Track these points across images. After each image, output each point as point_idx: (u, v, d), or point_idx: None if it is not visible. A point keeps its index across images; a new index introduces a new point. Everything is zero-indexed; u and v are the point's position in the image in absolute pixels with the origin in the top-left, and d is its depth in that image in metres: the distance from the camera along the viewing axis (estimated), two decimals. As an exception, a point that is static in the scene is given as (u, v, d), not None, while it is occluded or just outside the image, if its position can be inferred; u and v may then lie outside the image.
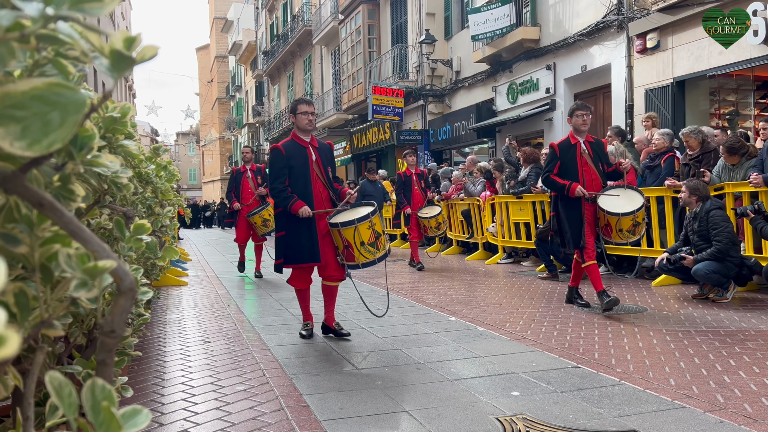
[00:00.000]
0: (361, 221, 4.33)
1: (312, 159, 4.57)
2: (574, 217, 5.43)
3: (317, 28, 25.13)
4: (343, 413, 3.00)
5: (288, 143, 4.60)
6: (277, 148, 4.56)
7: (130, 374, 3.73)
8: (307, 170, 4.54)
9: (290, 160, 4.50)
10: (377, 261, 4.44)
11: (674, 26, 9.70)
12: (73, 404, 0.62)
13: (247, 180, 8.75)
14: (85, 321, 1.62)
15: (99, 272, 0.68)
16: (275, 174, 4.50)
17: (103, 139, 1.49)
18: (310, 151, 4.59)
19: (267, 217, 8.25)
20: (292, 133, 4.68)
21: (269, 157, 4.61)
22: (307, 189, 4.50)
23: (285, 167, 4.48)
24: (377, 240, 4.38)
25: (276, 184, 4.46)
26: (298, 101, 4.66)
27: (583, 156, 5.47)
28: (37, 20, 0.56)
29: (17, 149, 0.57)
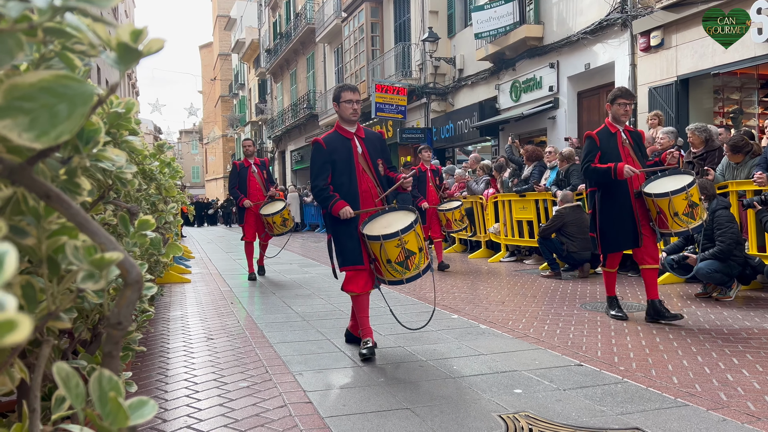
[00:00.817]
0: (388, 238, 3.82)
1: (357, 152, 4.10)
2: (618, 214, 4.84)
3: (320, 25, 25.11)
4: (346, 410, 3.00)
5: (330, 136, 4.16)
6: (318, 143, 4.12)
7: (134, 370, 3.74)
8: (352, 165, 4.08)
9: (333, 155, 4.05)
10: (405, 281, 3.93)
11: (678, 24, 9.67)
12: (81, 395, 0.63)
13: (253, 175, 8.20)
14: (89, 316, 1.63)
15: (106, 264, 0.68)
16: (316, 171, 4.10)
17: (107, 134, 1.50)
18: (356, 142, 4.12)
19: (287, 217, 7.94)
20: (336, 125, 4.21)
21: (311, 153, 4.21)
22: (353, 185, 4.05)
23: (327, 163, 4.06)
24: (408, 259, 3.85)
25: (317, 182, 4.06)
26: (342, 88, 4.15)
27: (624, 146, 4.94)
28: (44, 12, 0.56)
29: (25, 140, 0.57)
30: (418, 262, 3.89)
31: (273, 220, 7.86)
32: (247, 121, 43.68)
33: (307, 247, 13.09)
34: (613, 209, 4.88)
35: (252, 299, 6.57)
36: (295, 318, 5.42)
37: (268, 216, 7.83)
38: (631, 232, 4.83)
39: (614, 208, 4.87)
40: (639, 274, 7.45)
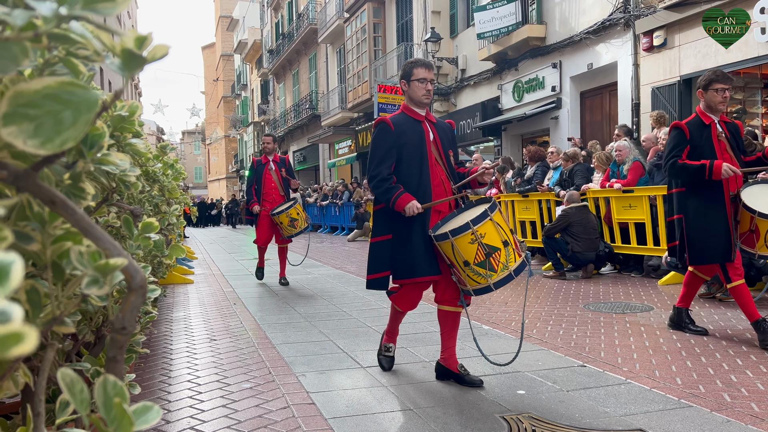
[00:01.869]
0: (458, 233, 3.11)
1: (429, 138, 3.46)
2: (716, 219, 4.11)
3: (322, 26, 25.13)
4: (349, 411, 3.00)
5: (398, 117, 3.50)
6: (384, 123, 3.43)
7: (138, 371, 3.75)
8: (424, 153, 3.42)
9: (401, 139, 3.38)
10: (493, 287, 3.14)
11: (681, 24, 9.66)
12: (85, 400, 0.63)
13: (270, 173, 7.63)
14: (93, 319, 1.63)
15: (110, 269, 0.69)
16: (379, 157, 3.37)
17: (111, 137, 1.50)
18: (427, 127, 3.49)
19: (295, 216, 7.28)
20: (403, 107, 3.56)
21: (373, 135, 3.48)
22: (424, 178, 3.40)
23: (393, 148, 3.36)
24: (490, 258, 3.10)
25: (379, 169, 3.35)
26: (414, 63, 3.49)
27: (720, 140, 4.19)
28: (50, 20, 0.56)
29: (30, 147, 0.57)
30: (506, 260, 3.13)
31: (279, 220, 7.28)
32: (250, 122, 43.73)
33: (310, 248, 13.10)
34: (704, 215, 4.15)
35: (255, 300, 6.57)
36: (298, 319, 5.42)
37: (274, 215, 7.31)
38: (723, 243, 4.10)
39: (706, 215, 4.15)
40: (642, 274, 7.45)
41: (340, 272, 8.87)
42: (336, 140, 25.17)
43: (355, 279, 8.08)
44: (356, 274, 8.54)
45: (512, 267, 3.15)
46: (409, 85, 3.48)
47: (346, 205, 18.08)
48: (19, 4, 0.56)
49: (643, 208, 7.19)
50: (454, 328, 3.52)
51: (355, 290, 7.07)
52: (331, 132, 24.14)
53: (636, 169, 7.50)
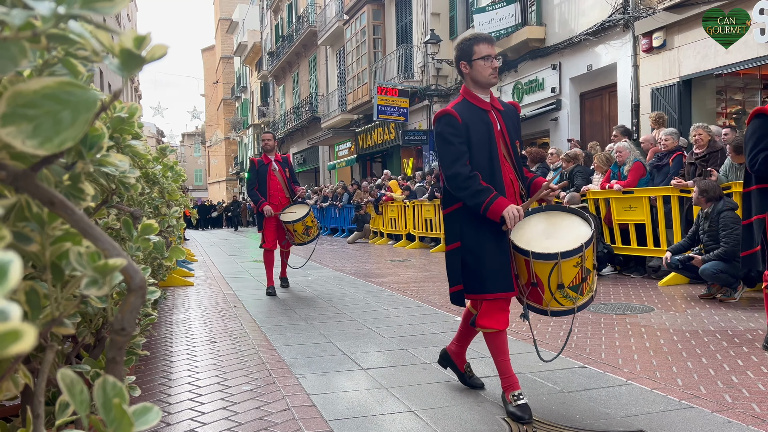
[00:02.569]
0: (568, 256, 2.75)
1: (497, 129, 2.99)
2: None
3: (322, 28, 25.16)
4: (350, 413, 3.00)
5: (461, 106, 2.98)
6: (450, 115, 2.92)
7: (138, 374, 3.74)
8: (493, 147, 2.94)
9: (468, 131, 2.92)
10: (576, 310, 2.87)
11: (680, 25, 9.66)
12: (85, 402, 0.63)
13: (274, 173, 7.12)
14: (93, 320, 1.63)
15: (109, 270, 0.69)
16: (454, 154, 2.88)
17: (111, 139, 1.50)
18: (494, 116, 3.00)
19: (309, 224, 6.89)
20: (464, 91, 3.05)
21: (437, 130, 2.98)
22: (495, 176, 2.92)
23: (463, 143, 2.90)
24: (584, 282, 2.82)
25: (457, 168, 2.86)
26: (474, 39, 2.99)
27: None
28: (48, 19, 0.56)
29: (29, 147, 0.57)
30: (592, 283, 2.89)
31: (294, 228, 6.84)
32: (250, 124, 43.76)
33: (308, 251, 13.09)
34: None
35: (255, 302, 6.57)
36: (298, 321, 5.42)
37: (288, 223, 6.85)
38: None
39: None
40: (642, 275, 7.44)
41: (340, 274, 8.87)
42: (336, 142, 25.19)
43: (355, 281, 8.08)
44: (356, 276, 8.53)
45: (594, 288, 2.92)
46: (472, 66, 2.97)
47: (346, 207, 18.08)
48: (17, 4, 0.56)
49: (644, 209, 7.19)
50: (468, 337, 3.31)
51: (355, 292, 7.06)
52: (331, 134, 24.15)
53: (637, 169, 7.50)
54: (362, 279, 8.22)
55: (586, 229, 2.87)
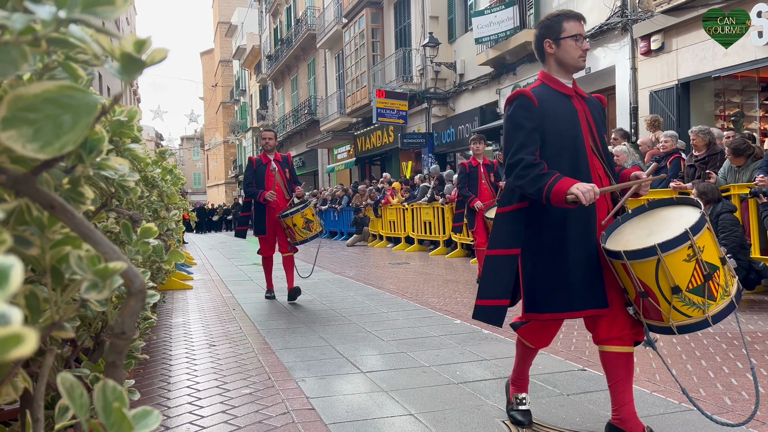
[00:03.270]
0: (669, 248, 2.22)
1: (582, 118, 2.60)
2: None
3: (321, 31, 25.20)
4: (349, 416, 3.00)
5: (540, 90, 2.62)
6: (525, 96, 2.56)
7: (137, 377, 3.74)
8: (579, 139, 2.55)
9: (545, 119, 2.52)
10: (711, 322, 2.30)
11: (678, 28, 9.69)
12: (85, 405, 0.63)
13: (272, 173, 6.67)
14: (92, 324, 1.63)
15: (110, 274, 0.69)
16: (521, 139, 2.49)
17: (110, 142, 1.50)
18: (579, 104, 2.63)
19: (310, 218, 6.42)
20: (543, 75, 2.70)
21: (508, 111, 2.61)
22: (580, 171, 2.51)
23: (536, 130, 2.50)
24: (709, 281, 2.25)
25: (521, 154, 2.46)
26: (562, 16, 2.63)
27: None
28: (49, 24, 0.56)
29: (30, 151, 0.57)
30: (726, 283, 2.29)
31: (293, 222, 6.35)
32: (249, 127, 43.78)
33: (308, 253, 13.09)
34: None
35: (254, 305, 6.56)
36: (297, 324, 5.41)
37: (286, 217, 6.36)
38: None
39: None
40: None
41: (339, 277, 8.86)
42: (335, 145, 25.21)
43: (354, 284, 8.07)
44: (355, 279, 8.53)
45: (732, 291, 2.31)
46: (559, 45, 2.60)
47: (345, 209, 18.09)
48: (18, 8, 0.56)
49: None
50: (629, 375, 2.57)
51: (354, 295, 7.06)
52: (329, 137, 24.17)
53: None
54: (361, 282, 8.22)
55: (694, 214, 2.31)
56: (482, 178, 7.49)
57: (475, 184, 7.47)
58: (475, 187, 7.46)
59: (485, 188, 7.49)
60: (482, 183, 7.49)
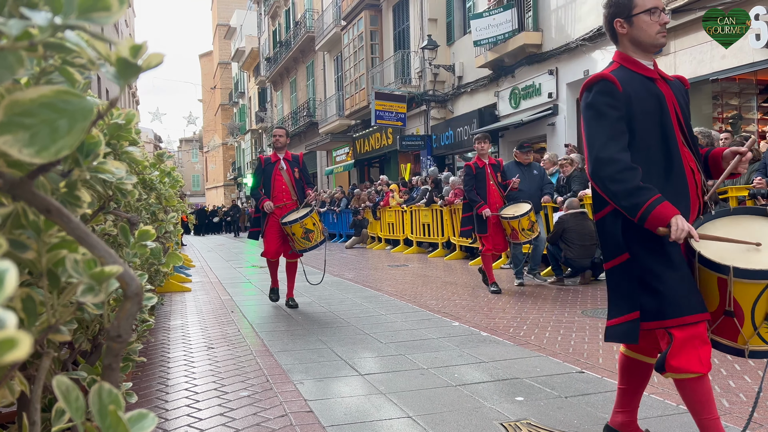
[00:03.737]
0: None
1: (670, 103, 2.28)
2: None
3: (320, 34, 25.23)
4: (347, 419, 3.00)
5: (621, 73, 2.29)
6: (607, 80, 2.23)
7: (135, 380, 3.73)
8: (668, 126, 2.25)
9: (630, 105, 2.22)
10: None
11: (676, 30, 9.71)
12: (80, 408, 0.63)
13: (281, 173, 6.33)
14: (89, 327, 1.63)
15: (106, 277, 0.69)
16: (609, 132, 2.19)
17: (107, 145, 1.50)
18: (665, 87, 2.32)
19: (311, 227, 6.05)
20: (619, 57, 2.39)
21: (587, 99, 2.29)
22: (673, 166, 2.23)
23: (622, 119, 2.21)
24: None
25: (609, 152, 2.16)
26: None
27: None
28: (45, 29, 0.56)
29: (26, 156, 0.58)
30: None
31: (291, 231, 6.04)
32: (247, 130, 43.80)
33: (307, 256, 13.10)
34: None
35: (252, 308, 6.56)
36: (295, 327, 5.41)
37: (286, 225, 6.05)
38: None
39: None
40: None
41: (338, 279, 8.86)
42: (334, 147, 25.22)
43: (353, 286, 8.07)
44: (354, 281, 8.53)
45: None
46: (632, 24, 2.31)
47: (344, 212, 18.09)
48: (14, 14, 0.56)
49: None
50: (644, 384, 2.53)
51: (352, 297, 7.06)
52: (328, 139, 24.19)
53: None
54: (360, 284, 8.22)
55: None
56: (489, 179, 7.15)
57: (482, 186, 7.12)
58: (483, 189, 7.11)
59: (494, 190, 7.15)
60: (490, 184, 7.15)
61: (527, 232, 6.86)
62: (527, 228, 6.84)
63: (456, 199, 11.28)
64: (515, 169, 7.45)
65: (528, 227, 6.84)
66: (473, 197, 7.09)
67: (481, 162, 7.16)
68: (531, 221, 6.85)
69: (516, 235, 6.89)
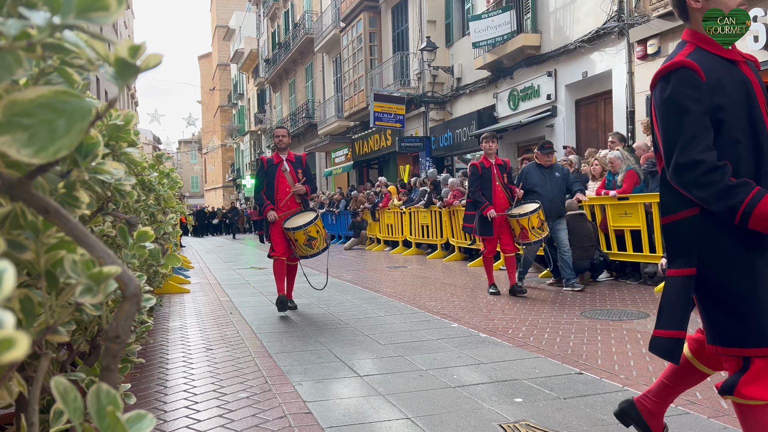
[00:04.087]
0: None
1: (756, 89, 2.03)
2: None
3: (319, 35, 25.24)
4: (346, 420, 2.99)
5: (699, 57, 2.08)
6: (688, 68, 1.98)
7: (133, 381, 3.73)
8: (756, 115, 1.97)
9: (715, 96, 1.94)
10: None
11: (675, 32, 9.72)
12: (78, 409, 0.63)
13: (284, 175, 6.12)
14: (88, 328, 1.63)
15: (104, 278, 0.69)
16: (692, 130, 1.90)
17: (106, 146, 1.50)
18: (748, 71, 2.10)
19: (314, 234, 5.86)
20: (693, 36, 2.24)
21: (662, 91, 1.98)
22: (763, 161, 1.95)
23: (706, 114, 1.93)
24: None
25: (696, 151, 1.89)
26: None
27: None
28: (43, 29, 0.56)
29: (24, 156, 0.58)
30: None
31: (294, 238, 5.87)
32: (246, 131, 43.79)
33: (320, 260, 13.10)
34: None
35: (251, 309, 6.56)
36: (294, 328, 5.41)
37: (289, 231, 5.88)
38: None
39: None
40: (638, 281, 7.45)
41: (336, 281, 8.86)
42: (332, 149, 25.23)
43: (351, 287, 8.07)
44: (353, 283, 8.53)
45: None
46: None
47: (343, 213, 18.09)
48: (13, 14, 0.56)
49: (639, 216, 7.21)
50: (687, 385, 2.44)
51: (351, 299, 7.05)
52: (327, 140, 24.19)
53: (630, 177, 7.53)
54: (359, 285, 8.22)
55: None
56: (496, 180, 6.85)
57: (488, 186, 6.82)
58: (489, 190, 6.82)
59: (499, 191, 6.86)
60: (496, 185, 6.84)
61: (537, 231, 6.59)
62: (537, 226, 6.57)
63: (455, 201, 11.28)
64: (536, 172, 7.05)
65: (538, 225, 6.58)
66: (478, 198, 6.81)
67: (488, 162, 6.88)
68: (540, 219, 6.59)
69: (526, 234, 6.61)
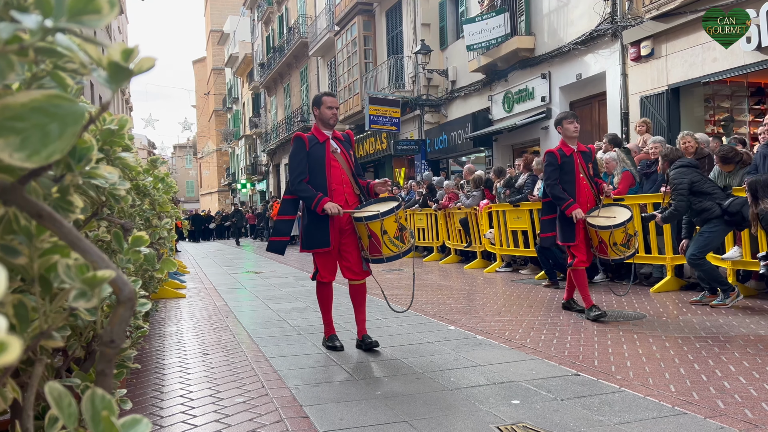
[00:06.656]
0: None
1: None
2: None
3: (313, 39, 25.26)
4: (343, 424, 2.99)
5: None
6: None
7: (129, 387, 3.71)
8: None
9: None
10: None
11: (668, 34, 9.77)
12: (73, 415, 0.62)
13: (334, 157, 4.47)
14: (83, 333, 1.62)
15: (98, 282, 0.68)
16: None
17: (100, 151, 1.50)
18: None
19: (404, 223, 4.43)
20: None
21: None
22: None
23: None
24: None
25: None
26: None
27: None
28: (35, 33, 0.56)
29: (17, 160, 0.57)
30: None
31: (383, 228, 4.25)
32: (241, 135, 43.74)
33: (302, 260, 13.07)
34: None
35: (247, 314, 6.54)
36: (290, 332, 5.39)
37: (371, 221, 4.26)
38: None
39: None
40: (634, 282, 7.46)
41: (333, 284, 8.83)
42: None
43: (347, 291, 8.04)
44: (349, 286, 8.50)
45: None
46: None
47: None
48: (4, 17, 0.56)
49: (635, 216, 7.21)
50: None
51: (348, 302, 7.03)
52: (323, 144, 24.13)
53: (626, 178, 7.55)
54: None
55: None
56: (579, 171, 5.33)
57: (570, 179, 5.29)
58: (572, 184, 5.29)
59: (584, 186, 5.37)
60: (580, 178, 5.33)
61: (620, 248, 5.18)
62: (621, 243, 5.16)
63: (450, 203, 11.29)
64: None
65: (622, 242, 5.16)
66: (558, 193, 5.26)
67: (568, 148, 5.37)
68: (628, 234, 5.18)
69: (604, 249, 5.23)
